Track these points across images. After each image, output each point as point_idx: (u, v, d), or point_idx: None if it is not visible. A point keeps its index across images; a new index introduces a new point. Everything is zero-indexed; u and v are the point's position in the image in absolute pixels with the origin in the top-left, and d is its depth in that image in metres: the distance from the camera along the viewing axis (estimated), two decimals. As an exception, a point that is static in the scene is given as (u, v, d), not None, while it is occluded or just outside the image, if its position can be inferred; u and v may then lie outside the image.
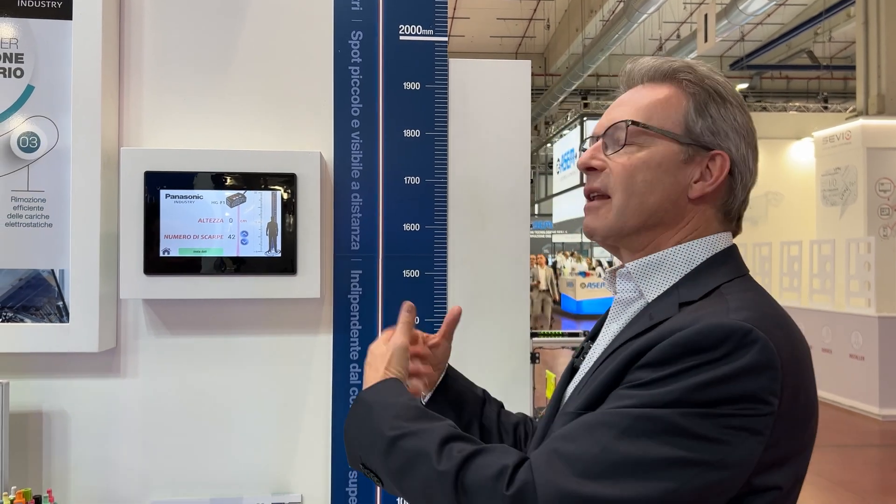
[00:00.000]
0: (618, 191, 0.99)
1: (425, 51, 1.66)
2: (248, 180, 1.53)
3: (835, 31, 14.91)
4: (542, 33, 17.28)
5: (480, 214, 1.68)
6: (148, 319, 1.60)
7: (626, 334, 0.95)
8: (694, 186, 0.98)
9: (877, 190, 9.27)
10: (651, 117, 0.99)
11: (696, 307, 0.91)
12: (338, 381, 1.63)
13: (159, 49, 1.61)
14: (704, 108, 0.99)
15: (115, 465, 1.58)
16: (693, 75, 1.01)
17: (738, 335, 0.82)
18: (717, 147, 0.99)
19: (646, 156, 0.98)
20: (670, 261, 0.99)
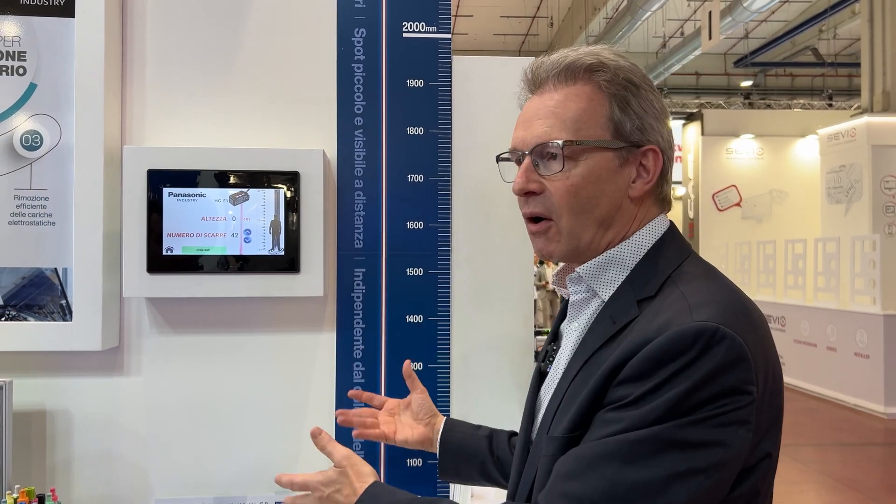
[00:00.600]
0: (564, 213, 0.97)
1: (429, 48, 1.66)
2: (251, 178, 1.52)
3: (840, 29, 14.85)
4: (546, 31, 17.25)
5: (484, 212, 1.68)
6: (151, 318, 1.59)
7: (591, 341, 0.96)
8: (634, 186, 0.98)
9: (882, 187, 9.24)
10: (579, 129, 0.96)
11: (656, 306, 0.91)
12: (341, 380, 1.63)
13: (162, 47, 1.60)
14: (626, 106, 0.97)
15: (119, 463, 1.58)
16: (608, 72, 0.97)
17: (706, 336, 0.84)
18: (647, 142, 0.98)
19: (584, 171, 0.96)
20: (618, 257, 0.99)
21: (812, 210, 11.33)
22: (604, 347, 0.92)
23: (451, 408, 1.65)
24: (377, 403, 1.45)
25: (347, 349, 1.64)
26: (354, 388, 1.62)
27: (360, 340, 1.64)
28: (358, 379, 1.63)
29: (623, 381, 0.86)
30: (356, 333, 1.64)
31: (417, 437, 1.38)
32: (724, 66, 17.59)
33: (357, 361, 1.64)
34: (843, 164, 9.72)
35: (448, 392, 1.65)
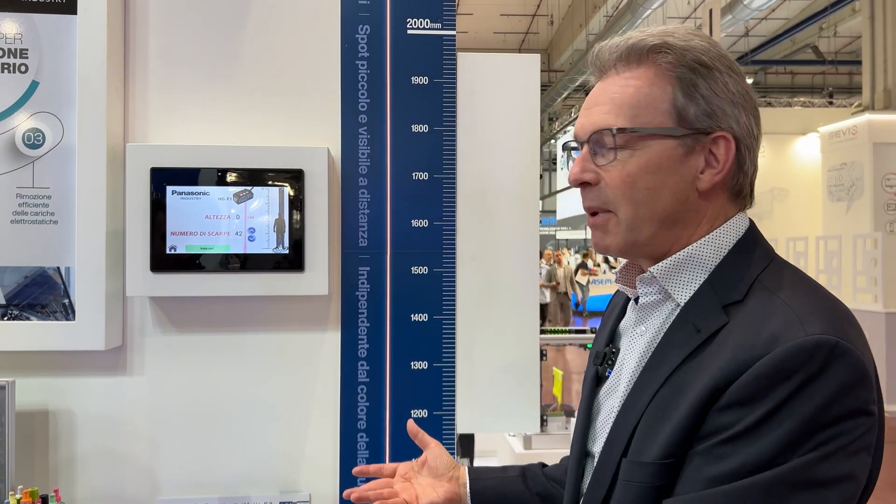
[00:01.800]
0: (621, 205, 0.91)
1: (433, 45, 1.65)
2: (255, 176, 1.51)
3: (840, 26, 14.84)
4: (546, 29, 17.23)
5: (489, 210, 1.67)
6: (154, 317, 1.58)
7: (671, 352, 0.88)
8: (702, 178, 0.90)
9: (883, 185, 9.22)
10: (637, 116, 0.90)
11: (750, 313, 0.84)
12: (346, 379, 1.62)
13: (165, 44, 1.59)
14: (693, 89, 0.89)
15: (122, 463, 1.57)
16: (672, 54, 0.89)
17: (825, 352, 0.76)
18: (717, 128, 0.89)
19: (642, 161, 0.89)
20: (696, 257, 0.92)
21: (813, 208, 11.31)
22: (690, 359, 0.85)
23: (456, 407, 1.64)
24: (387, 473, 1.26)
25: (352, 348, 1.62)
26: (358, 388, 1.61)
27: (365, 339, 1.63)
28: (362, 378, 1.62)
29: (730, 406, 0.78)
30: (361, 332, 1.63)
31: (444, 496, 1.19)
32: (725, 64, 17.59)
33: (362, 360, 1.63)
34: (845, 161, 9.71)
35: (453, 391, 1.64)
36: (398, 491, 1.19)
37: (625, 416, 0.90)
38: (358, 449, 1.62)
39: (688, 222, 0.92)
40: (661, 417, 0.84)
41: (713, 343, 0.84)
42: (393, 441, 1.62)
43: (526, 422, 1.67)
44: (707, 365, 0.82)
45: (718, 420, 0.79)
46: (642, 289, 0.96)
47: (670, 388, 0.85)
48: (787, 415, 0.75)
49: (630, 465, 0.86)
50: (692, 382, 0.83)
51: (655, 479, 0.83)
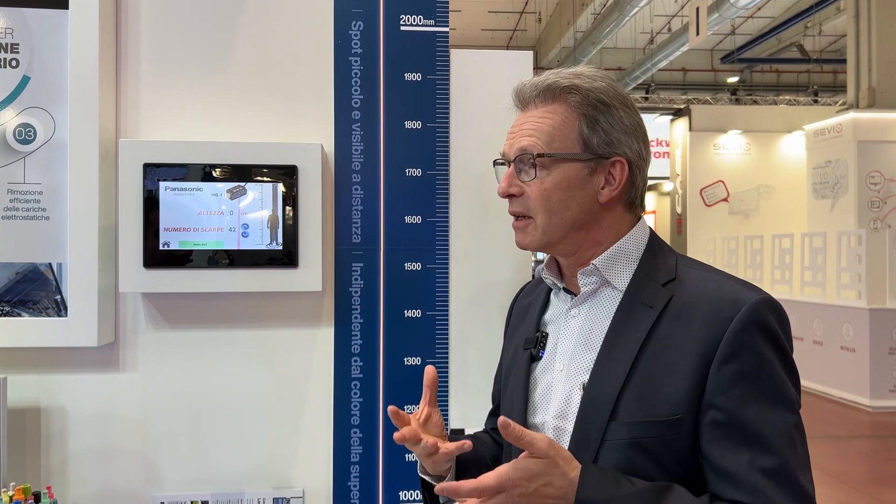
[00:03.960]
0: (539, 212, 1.12)
1: (427, 41, 1.65)
2: (248, 172, 1.51)
3: (825, 25, 14.95)
4: (534, 27, 17.24)
5: (482, 207, 1.67)
6: (147, 313, 1.58)
7: (630, 327, 1.07)
8: (602, 193, 1.12)
9: (867, 183, 9.32)
10: (552, 143, 1.10)
11: (689, 287, 1.07)
12: (339, 375, 1.62)
13: (157, 40, 1.58)
14: (595, 123, 1.11)
15: (115, 460, 1.57)
16: (579, 94, 1.11)
17: (774, 305, 1.03)
18: (614, 154, 1.11)
19: (556, 179, 1.11)
20: (625, 251, 1.13)
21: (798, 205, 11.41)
22: (654, 331, 1.05)
23: (449, 402, 1.65)
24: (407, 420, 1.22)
25: (345, 344, 1.63)
26: (352, 384, 1.62)
27: (359, 335, 1.63)
28: (356, 374, 1.63)
29: (727, 360, 1.00)
30: (354, 328, 1.63)
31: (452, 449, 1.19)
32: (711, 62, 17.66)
33: (355, 356, 1.63)
34: (829, 159, 9.80)
35: (447, 386, 1.64)
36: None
37: (600, 387, 1.06)
38: (351, 444, 1.62)
39: (591, 227, 1.14)
40: (654, 382, 1.03)
41: (666, 314, 1.06)
42: (386, 436, 1.63)
43: (519, 417, 1.67)
44: (679, 332, 1.04)
45: (723, 372, 1.00)
46: (583, 279, 1.15)
47: (648, 358, 1.04)
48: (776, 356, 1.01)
49: (629, 426, 1.03)
50: (674, 350, 1.03)
51: (665, 432, 1.01)
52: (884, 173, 9.32)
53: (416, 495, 1.63)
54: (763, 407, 0.99)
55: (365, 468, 1.63)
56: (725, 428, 0.99)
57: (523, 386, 1.17)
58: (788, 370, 1.02)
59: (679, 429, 1.01)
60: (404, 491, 1.63)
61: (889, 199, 9.32)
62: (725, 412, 0.99)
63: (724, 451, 0.99)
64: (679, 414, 1.01)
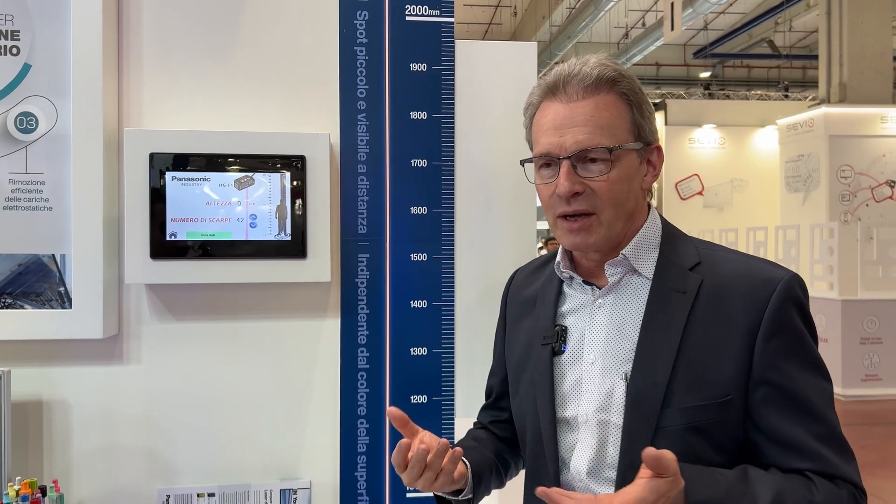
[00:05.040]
0: (606, 208, 1.10)
1: (432, 31, 1.65)
2: (256, 162, 1.50)
3: (795, 21, 15.17)
4: (510, 20, 17.26)
5: (487, 198, 1.68)
6: (151, 305, 1.56)
7: (665, 315, 1.09)
8: (645, 180, 1.15)
9: (838, 176, 9.50)
10: (615, 135, 1.09)
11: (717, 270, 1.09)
12: (346, 366, 1.62)
13: (161, 28, 1.56)
14: (643, 111, 1.12)
15: (120, 453, 1.55)
16: (626, 82, 1.11)
17: (800, 280, 1.07)
18: (654, 140, 1.14)
19: (619, 171, 1.10)
20: (647, 239, 1.14)
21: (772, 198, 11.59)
22: (692, 316, 1.07)
23: (455, 391, 1.65)
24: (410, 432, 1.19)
25: (352, 335, 1.63)
26: (358, 375, 1.62)
27: (365, 326, 1.63)
28: (362, 365, 1.63)
29: (771, 336, 1.04)
30: (360, 319, 1.63)
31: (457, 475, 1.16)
32: (684, 57, 17.84)
33: (361, 347, 1.63)
34: (802, 153, 9.97)
35: (452, 377, 1.65)
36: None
37: (646, 376, 1.07)
38: (358, 435, 1.62)
39: (635, 216, 1.15)
40: (703, 366, 1.05)
41: (701, 298, 1.08)
42: (393, 427, 1.63)
43: (524, 406, 1.69)
44: (720, 316, 1.06)
45: (768, 348, 1.04)
46: (609, 270, 1.14)
47: (693, 342, 1.06)
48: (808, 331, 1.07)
49: (683, 411, 1.05)
50: (718, 331, 1.06)
51: (720, 413, 1.04)
52: (854, 167, 9.51)
53: (422, 485, 1.64)
54: (808, 377, 1.05)
55: (372, 459, 1.63)
56: (779, 401, 1.04)
57: (547, 381, 1.16)
58: (815, 340, 1.08)
59: (731, 409, 1.04)
60: (411, 481, 1.63)
61: (859, 192, 9.52)
62: (777, 387, 1.04)
63: (781, 423, 1.04)
64: (730, 394, 1.04)
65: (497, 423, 1.36)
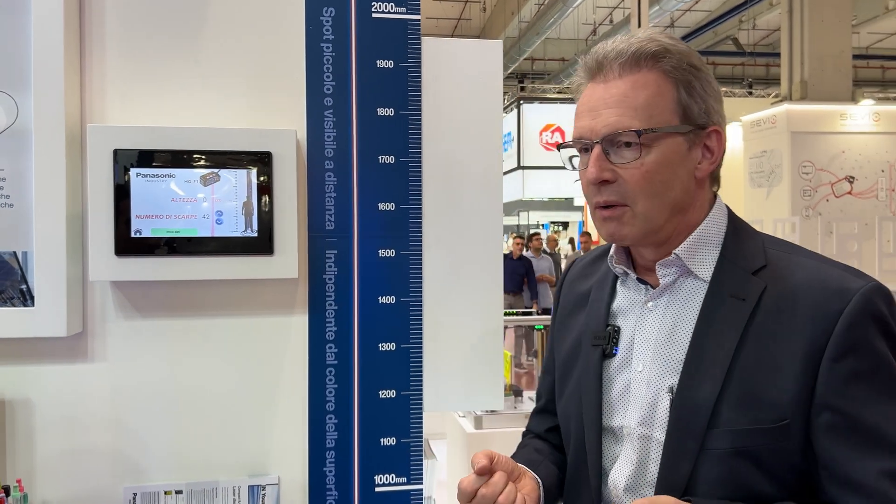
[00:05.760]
0: (640, 198, 0.98)
1: (398, 29, 1.66)
2: (222, 159, 1.50)
3: (758, 19, 15.43)
4: (479, 16, 17.28)
5: (455, 194, 1.69)
6: (117, 302, 1.55)
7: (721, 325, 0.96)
8: (699, 168, 1.01)
9: (800, 172, 9.71)
10: (651, 116, 0.97)
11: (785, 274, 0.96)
12: (314, 362, 1.62)
13: (125, 21, 1.54)
14: (692, 89, 0.99)
15: (85, 452, 1.54)
16: (672, 58, 0.99)
17: (885, 292, 0.93)
18: (711, 123, 1.00)
19: (657, 157, 0.97)
20: (706, 236, 1.02)
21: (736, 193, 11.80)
22: (749, 328, 0.94)
23: (423, 387, 1.67)
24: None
25: (320, 331, 1.63)
26: (327, 371, 1.62)
27: (333, 322, 1.64)
28: (331, 361, 1.63)
29: (841, 357, 0.90)
30: (329, 315, 1.63)
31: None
32: (651, 53, 18.03)
33: (330, 343, 1.63)
34: (765, 149, 10.16)
35: (420, 371, 1.66)
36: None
37: (694, 391, 0.96)
38: (327, 431, 1.63)
39: (688, 208, 1.02)
40: (757, 386, 0.93)
41: (762, 307, 0.95)
42: (361, 423, 1.64)
43: (491, 399, 1.71)
44: (780, 329, 0.93)
45: (836, 370, 0.90)
46: (661, 271, 1.04)
47: (748, 357, 0.94)
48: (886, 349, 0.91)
49: (731, 434, 0.93)
50: (777, 349, 0.93)
51: (773, 440, 0.92)
52: (815, 163, 9.72)
53: (391, 479, 1.65)
54: (885, 406, 0.89)
55: (340, 454, 1.64)
56: (844, 432, 0.90)
57: (596, 385, 1.07)
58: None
59: (788, 434, 0.92)
60: (380, 475, 1.65)
61: (820, 187, 9.74)
62: (843, 414, 0.90)
63: (845, 458, 0.89)
64: (787, 419, 0.92)
65: (552, 432, 1.28)
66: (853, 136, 9.72)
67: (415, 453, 1.66)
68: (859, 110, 9.65)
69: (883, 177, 9.68)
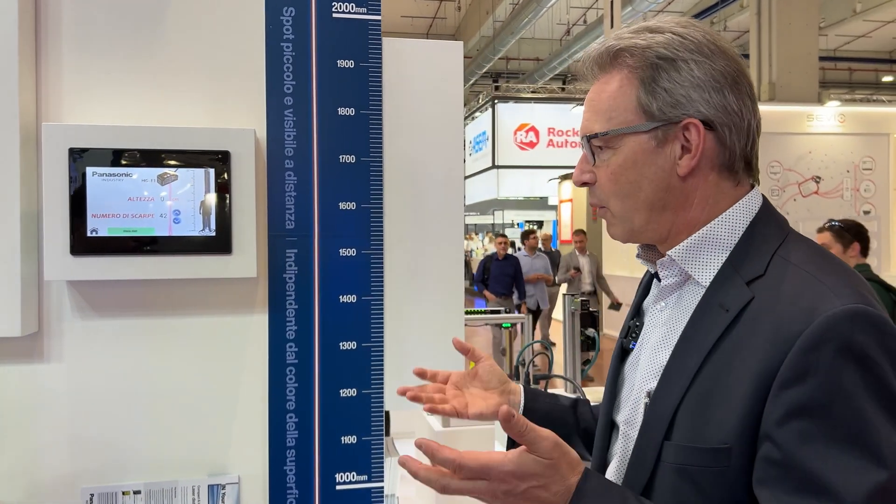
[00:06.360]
0: (611, 199, 1.00)
1: (359, 29, 1.66)
2: (179, 158, 1.49)
3: (729, 21, 15.64)
4: (454, 15, 17.30)
5: (416, 194, 1.71)
6: (73, 302, 1.54)
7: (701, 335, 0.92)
8: (680, 164, 0.96)
9: (768, 173, 9.86)
10: (610, 118, 0.97)
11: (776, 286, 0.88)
12: (274, 361, 1.63)
13: (81, 19, 1.53)
14: (654, 84, 0.95)
15: (42, 452, 1.53)
16: (633, 56, 0.96)
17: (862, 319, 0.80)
18: (684, 116, 0.95)
19: (621, 158, 0.97)
20: (711, 238, 0.96)
21: (705, 193, 11.96)
22: (722, 340, 0.89)
23: (384, 384, 1.68)
24: (440, 379, 1.30)
25: (280, 330, 1.63)
26: (287, 370, 1.62)
27: (293, 321, 1.64)
28: (291, 360, 1.63)
29: (787, 384, 0.80)
30: (289, 314, 1.64)
31: (493, 408, 1.20)
32: (624, 54, 18.19)
33: (290, 342, 1.64)
34: (734, 150, 10.29)
35: (382, 370, 1.68)
36: (448, 397, 1.21)
37: (661, 399, 0.93)
38: (287, 429, 1.63)
39: (678, 206, 0.98)
40: (710, 402, 0.87)
41: (742, 320, 0.88)
42: (322, 421, 1.65)
43: (452, 397, 1.72)
44: (746, 345, 0.86)
45: (782, 398, 0.81)
46: (663, 271, 1.02)
47: (710, 371, 0.88)
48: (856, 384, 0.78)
49: (678, 448, 0.89)
50: (737, 365, 0.86)
51: (713, 462, 0.85)
52: (782, 163, 9.87)
53: (351, 477, 1.66)
54: (832, 450, 0.77)
55: (301, 452, 1.64)
56: (779, 469, 0.80)
57: (612, 378, 1.09)
58: (888, 409, 0.78)
59: (728, 460, 0.85)
60: (340, 473, 1.66)
61: (787, 187, 9.90)
62: (780, 449, 0.80)
63: (773, 497, 0.80)
64: (728, 443, 0.84)
65: None
66: (819, 136, 9.89)
67: (376, 451, 1.67)
68: (825, 111, 9.82)
69: (848, 177, 9.87)
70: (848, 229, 4.11)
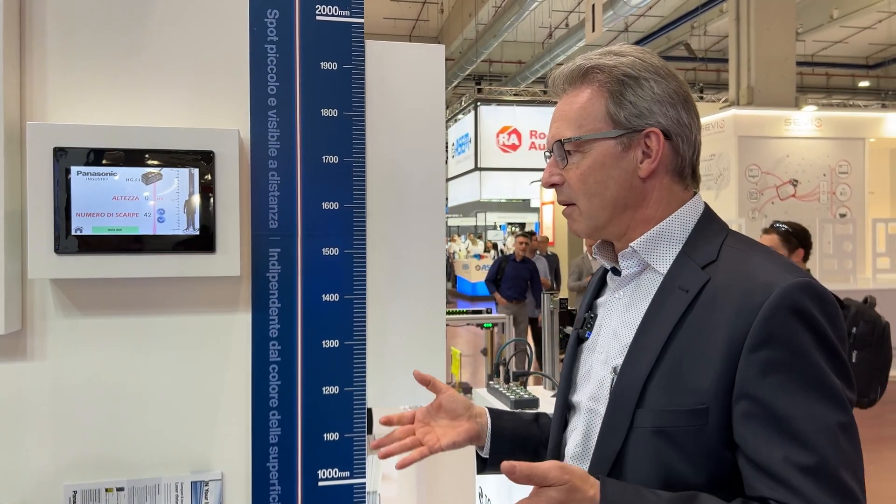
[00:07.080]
0: (579, 198, 1.13)
1: (342, 31, 1.69)
2: (164, 157, 1.51)
3: (709, 26, 15.83)
4: (437, 17, 17.35)
5: (398, 194, 1.73)
6: (57, 300, 1.55)
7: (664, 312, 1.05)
8: (641, 167, 1.11)
9: (746, 175, 10.00)
10: (581, 126, 1.12)
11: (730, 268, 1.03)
12: (257, 359, 1.64)
13: (66, 19, 1.54)
14: (621, 97, 1.11)
15: (24, 450, 1.53)
16: (603, 73, 1.12)
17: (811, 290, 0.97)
18: (646, 126, 1.11)
19: (590, 161, 1.11)
20: (667, 232, 1.11)
21: (685, 196, 12.10)
22: (686, 316, 1.02)
23: (367, 382, 1.70)
24: (407, 420, 1.42)
25: (263, 328, 1.65)
26: (270, 368, 1.64)
27: (276, 320, 1.66)
28: (274, 358, 1.65)
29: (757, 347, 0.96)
30: (272, 313, 1.66)
31: (465, 435, 1.34)
32: (606, 57, 18.33)
33: (273, 340, 1.66)
34: (714, 153, 10.43)
35: (364, 367, 1.70)
36: (420, 437, 1.32)
37: (630, 373, 1.06)
38: (270, 426, 1.65)
39: (638, 205, 1.13)
40: (681, 371, 1.01)
41: (701, 299, 1.02)
42: (305, 418, 1.67)
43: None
44: (709, 320, 1.00)
45: (752, 360, 0.96)
46: (624, 262, 1.16)
47: (679, 344, 1.02)
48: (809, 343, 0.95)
49: (654, 413, 1.01)
50: (703, 337, 1.00)
51: (690, 422, 0.99)
52: (761, 167, 10.01)
53: (334, 473, 1.68)
54: (798, 398, 0.93)
55: (284, 449, 1.66)
56: (758, 420, 0.95)
57: (569, 365, 1.22)
58: (833, 362, 0.95)
59: (705, 420, 0.98)
60: (323, 470, 1.68)
61: (765, 190, 10.04)
62: (757, 403, 0.95)
63: (757, 444, 0.95)
64: (705, 404, 0.98)
65: None
66: (797, 140, 10.05)
67: (358, 448, 1.69)
68: (802, 116, 9.98)
69: (824, 180, 10.02)
70: (795, 234, 4.06)
